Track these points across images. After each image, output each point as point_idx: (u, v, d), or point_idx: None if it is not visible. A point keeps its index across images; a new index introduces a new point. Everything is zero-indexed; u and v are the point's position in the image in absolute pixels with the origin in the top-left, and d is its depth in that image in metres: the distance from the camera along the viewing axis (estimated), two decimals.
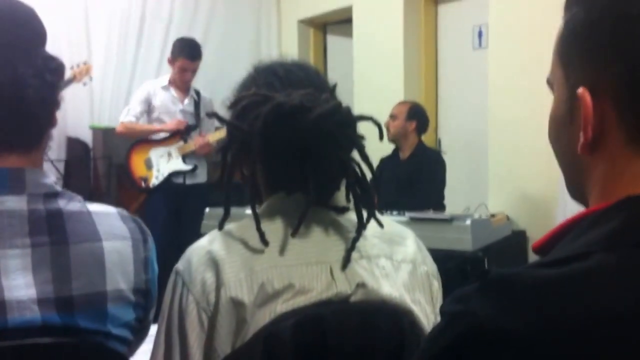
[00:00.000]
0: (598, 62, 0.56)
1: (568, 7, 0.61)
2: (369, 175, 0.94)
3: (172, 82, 3.62)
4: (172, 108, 3.61)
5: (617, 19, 0.56)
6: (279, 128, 0.86)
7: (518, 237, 3.29)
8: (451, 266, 2.45)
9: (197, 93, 3.70)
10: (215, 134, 3.58)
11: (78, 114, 4.03)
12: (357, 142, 0.92)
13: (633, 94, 0.54)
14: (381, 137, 0.97)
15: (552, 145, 0.66)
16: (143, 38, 4.39)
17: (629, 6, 0.55)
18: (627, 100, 0.55)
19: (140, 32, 4.38)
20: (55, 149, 3.72)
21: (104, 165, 3.98)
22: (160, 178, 3.56)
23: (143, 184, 3.59)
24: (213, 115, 0.95)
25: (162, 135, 3.61)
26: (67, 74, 0.99)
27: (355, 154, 0.93)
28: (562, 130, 0.62)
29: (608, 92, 0.56)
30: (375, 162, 0.97)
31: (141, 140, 3.64)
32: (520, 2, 3.37)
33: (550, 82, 0.65)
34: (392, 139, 3.33)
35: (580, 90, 0.57)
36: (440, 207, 3.28)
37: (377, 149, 1.00)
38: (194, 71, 3.57)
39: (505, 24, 3.50)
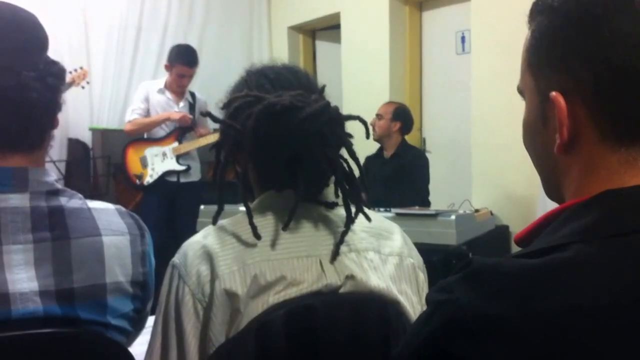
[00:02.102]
0: (565, 67, 0.58)
1: (532, 16, 0.63)
2: (356, 172, 0.97)
3: (167, 86, 3.64)
4: (167, 110, 3.62)
5: (579, 22, 0.57)
6: (270, 127, 0.88)
7: (501, 232, 3.34)
8: (436, 259, 2.48)
9: (193, 95, 3.72)
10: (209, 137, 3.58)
11: (78, 116, 4.07)
12: (345, 140, 0.94)
13: (601, 93, 0.56)
14: (368, 135, 1.01)
15: (527, 149, 0.68)
16: (140, 44, 4.42)
17: (590, 7, 0.57)
18: (596, 100, 0.57)
19: (138, 38, 4.41)
20: (57, 150, 3.73)
21: (103, 164, 4.01)
22: (155, 176, 3.59)
23: (137, 181, 3.62)
24: (207, 114, 0.98)
25: (159, 135, 3.64)
26: (67, 78, 1.02)
27: (344, 152, 0.95)
28: (536, 134, 0.64)
29: (578, 94, 0.57)
30: (360, 160, 1.01)
31: (137, 139, 3.66)
32: (500, 9, 3.43)
33: (520, 90, 0.67)
34: (377, 138, 3.39)
35: (553, 94, 0.58)
36: (425, 203, 3.31)
37: (362, 147, 1.04)
38: (190, 77, 3.59)
39: (487, 29, 3.56)
